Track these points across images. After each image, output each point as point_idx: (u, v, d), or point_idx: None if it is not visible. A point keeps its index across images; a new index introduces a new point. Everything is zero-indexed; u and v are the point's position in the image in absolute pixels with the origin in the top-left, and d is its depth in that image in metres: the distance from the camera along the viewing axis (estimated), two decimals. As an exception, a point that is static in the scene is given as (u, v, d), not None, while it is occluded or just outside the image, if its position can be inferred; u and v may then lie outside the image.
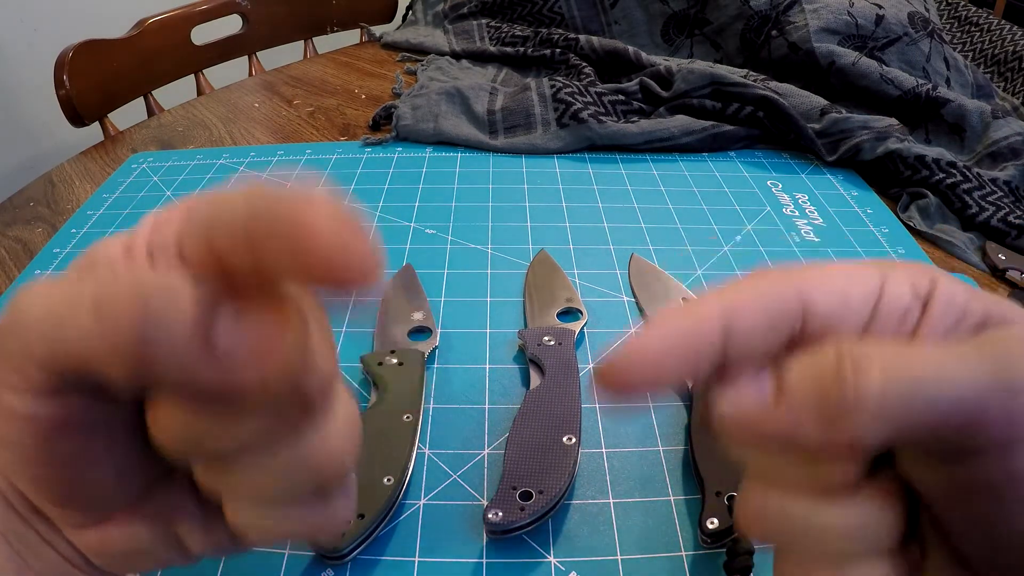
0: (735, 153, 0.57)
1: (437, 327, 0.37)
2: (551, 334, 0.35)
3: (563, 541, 0.27)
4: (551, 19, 0.78)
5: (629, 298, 0.40)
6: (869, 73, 0.58)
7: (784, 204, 0.50)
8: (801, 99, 0.56)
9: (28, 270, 0.44)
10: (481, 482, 0.29)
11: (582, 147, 0.57)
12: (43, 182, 0.56)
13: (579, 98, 0.58)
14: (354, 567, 0.26)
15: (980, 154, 0.55)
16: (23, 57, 1.24)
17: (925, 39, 0.63)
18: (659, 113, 0.60)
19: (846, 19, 0.61)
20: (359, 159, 0.55)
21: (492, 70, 0.71)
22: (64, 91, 0.65)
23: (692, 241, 0.45)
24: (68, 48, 0.66)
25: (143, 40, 0.74)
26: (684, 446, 0.31)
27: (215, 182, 0.52)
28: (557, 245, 0.44)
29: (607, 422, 0.32)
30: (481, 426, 0.32)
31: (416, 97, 0.61)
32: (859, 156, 0.53)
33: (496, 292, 0.40)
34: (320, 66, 0.77)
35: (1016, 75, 0.70)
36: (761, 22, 0.65)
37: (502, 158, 0.56)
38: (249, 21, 0.85)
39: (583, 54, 0.69)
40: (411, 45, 0.80)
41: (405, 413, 0.30)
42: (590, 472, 0.30)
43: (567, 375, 0.33)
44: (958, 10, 0.82)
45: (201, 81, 0.82)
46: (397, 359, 0.33)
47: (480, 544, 0.27)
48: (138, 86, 0.74)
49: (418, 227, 0.46)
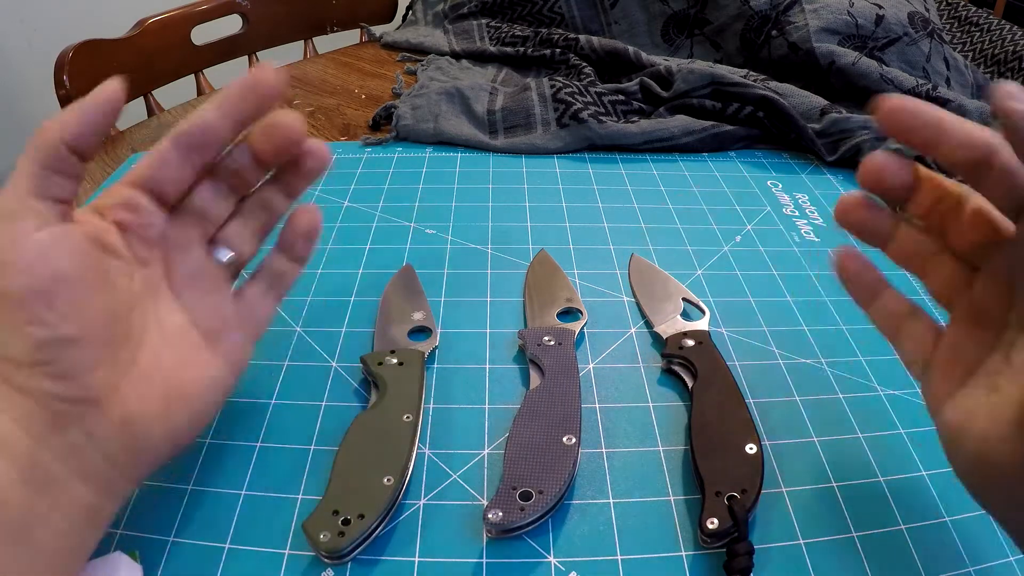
0: (735, 153, 0.57)
1: (437, 327, 0.37)
2: (551, 334, 0.35)
3: (563, 541, 0.27)
4: (551, 19, 0.78)
5: (629, 298, 0.40)
6: (869, 73, 0.58)
7: (784, 204, 0.50)
8: (801, 99, 0.56)
9: (28, 270, 0.43)
10: (481, 482, 0.29)
11: (582, 147, 0.57)
12: (43, 182, 0.56)
13: (579, 98, 0.58)
14: (354, 567, 0.26)
15: (980, 154, 0.55)
16: (23, 57, 1.24)
17: (925, 39, 0.63)
18: (659, 113, 0.60)
19: (846, 19, 0.61)
20: (359, 159, 0.55)
21: (492, 70, 0.71)
22: (64, 91, 0.65)
23: (692, 241, 0.45)
24: (68, 48, 0.66)
25: (143, 40, 0.74)
26: (684, 446, 0.31)
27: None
28: (557, 245, 0.44)
29: (607, 422, 0.32)
30: (481, 426, 0.32)
31: (416, 97, 0.61)
32: (859, 156, 0.53)
33: (496, 292, 0.40)
34: (320, 66, 0.77)
35: (1016, 75, 0.70)
36: (761, 22, 0.65)
37: (502, 158, 0.56)
38: (249, 21, 0.85)
39: (583, 54, 0.69)
40: (411, 45, 0.80)
41: (405, 413, 0.30)
42: (590, 472, 0.30)
43: (567, 375, 0.33)
44: (958, 10, 0.82)
45: (201, 81, 0.82)
46: (397, 359, 0.33)
47: (480, 544, 0.27)
48: (138, 86, 0.74)
49: (418, 227, 0.46)
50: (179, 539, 0.27)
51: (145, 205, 0.27)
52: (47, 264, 0.22)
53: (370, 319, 0.38)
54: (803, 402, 0.33)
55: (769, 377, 0.35)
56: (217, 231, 0.30)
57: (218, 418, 0.32)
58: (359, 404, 0.33)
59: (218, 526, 0.27)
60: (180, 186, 0.28)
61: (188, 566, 0.26)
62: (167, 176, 0.27)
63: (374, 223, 0.47)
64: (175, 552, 0.26)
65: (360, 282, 0.41)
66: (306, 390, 0.34)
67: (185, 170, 0.28)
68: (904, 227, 0.27)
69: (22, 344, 0.21)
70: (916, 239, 0.27)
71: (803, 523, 0.28)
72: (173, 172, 0.27)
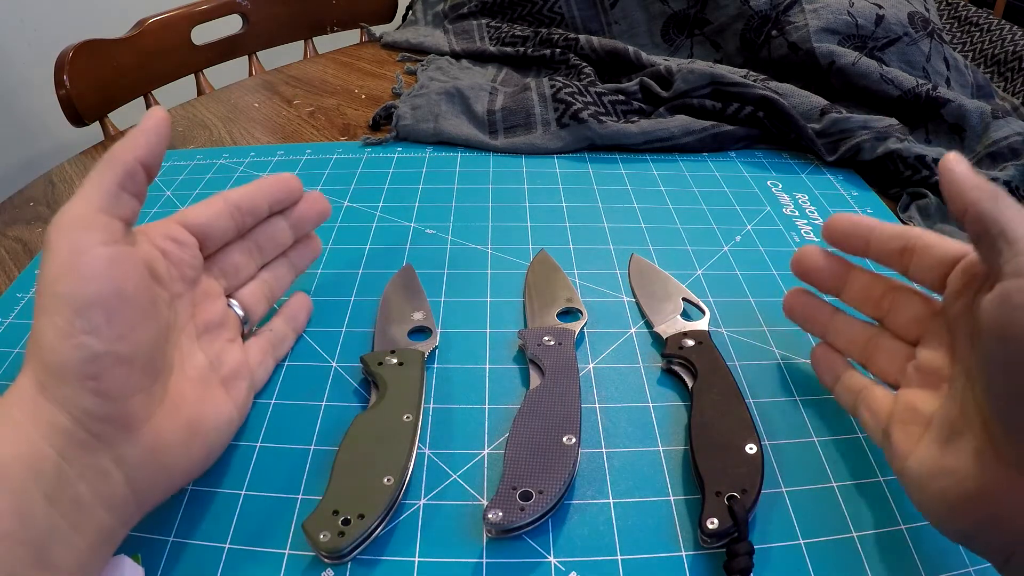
0: (735, 153, 0.57)
1: (437, 327, 0.37)
2: (551, 334, 0.35)
3: (563, 541, 0.27)
4: (551, 19, 0.78)
5: (629, 298, 0.40)
6: (869, 73, 0.58)
7: (784, 204, 0.50)
8: (801, 99, 0.56)
9: (28, 270, 0.44)
10: (481, 482, 0.29)
11: (582, 147, 0.57)
12: (43, 182, 0.56)
13: (579, 98, 0.58)
14: (354, 567, 0.26)
15: (980, 154, 0.55)
16: (23, 57, 1.24)
17: (925, 39, 0.63)
18: (659, 113, 0.60)
19: (846, 19, 0.61)
20: (359, 159, 0.55)
21: (492, 70, 0.71)
22: (64, 91, 0.65)
23: (692, 241, 0.45)
24: (68, 48, 0.66)
25: (143, 40, 0.74)
26: (684, 446, 0.31)
27: (215, 182, 0.52)
28: (557, 245, 0.44)
29: (607, 422, 0.32)
30: (481, 426, 0.32)
31: (416, 97, 0.61)
32: (859, 156, 0.53)
33: (496, 292, 0.40)
34: (320, 66, 0.77)
35: (1016, 75, 0.70)
36: (761, 22, 0.65)
37: (502, 158, 0.56)
38: (249, 21, 0.85)
39: (583, 54, 0.69)
40: (411, 45, 0.80)
41: (405, 413, 0.30)
42: (590, 472, 0.30)
43: (567, 375, 0.33)
44: (958, 10, 0.82)
45: (201, 81, 0.82)
46: (397, 359, 0.33)
47: (480, 544, 0.27)
48: (138, 86, 0.74)
49: (418, 227, 0.46)
50: (179, 539, 0.27)
51: (191, 244, 0.29)
52: (112, 278, 0.23)
53: (370, 319, 0.38)
54: (803, 402, 0.33)
55: (769, 377, 0.35)
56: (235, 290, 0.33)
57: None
58: (359, 404, 0.33)
59: (218, 526, 0.27)
60: (223, 239, 0.31)
61: (188, 566, 0.26)
62: (217, 226, 0.31)
63: (374, 223, 0.47)
64: (175, 552, 0.26)
65: (360, 282, 0.41)
66: (306, 390, 0.34)
67: (231, 228, 0.31)
68: (841, 316, 0.32)
69: (74, 353, 0.21)
70: (855, 327, 0.31)
71: (803, 523, 0.28)
72: (223, 223, 0.31)
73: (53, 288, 0.22)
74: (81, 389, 0.21)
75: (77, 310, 0.21)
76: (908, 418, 0.26)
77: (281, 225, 0.35)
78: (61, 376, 0.21)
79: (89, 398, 0.22)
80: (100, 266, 0.22)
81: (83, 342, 0.21)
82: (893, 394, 0.28)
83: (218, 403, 0.28)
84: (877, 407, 0.29)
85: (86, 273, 0.22)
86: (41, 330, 0.22)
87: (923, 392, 0.27)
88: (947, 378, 0.26)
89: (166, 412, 0.25)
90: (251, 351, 0.32)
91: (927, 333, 0.28)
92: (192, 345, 0.29)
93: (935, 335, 0.28)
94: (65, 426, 0.21)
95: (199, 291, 0.30)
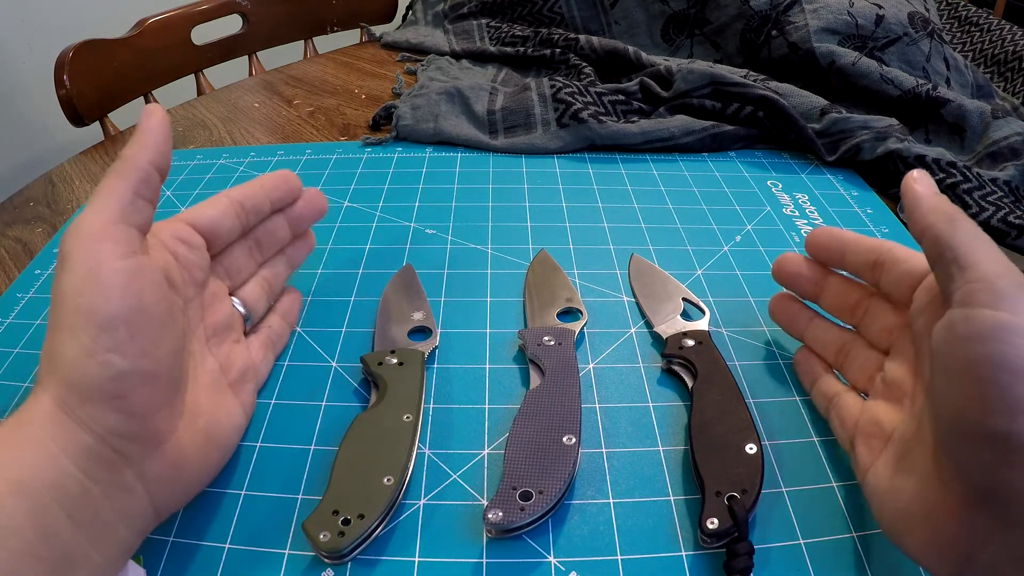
0: (735, 153, 0.57)
1: (437, 327, 0.37)
2: (551, 334, 0.35)
3: (563, 541, 0.27)
4: (551, 19, 0.78)
5: (629, 298, 0.40)
6: (869, 73, 0.58)
7: (784, 204, 0.50)
8: (801, 99, 0.56)
9: (28, 270, 0.44)
10: (481, 482, 0.29)
11: (582, 147, 0.57)
12: (43, 182, 0.56)
13: (579, 98, 0.58)
14: (354, 567, 0.26)
15: (980, 154, 0.55)
16: (23, 57, 1.24)
17: (925, 39, 0.63)
18: (659, 113, 0.60)
19: (846, 19, 0.61)
20: (359, 159, 0.55)
21: (492, 70, 0.71)
22: (64, 91, 0.65)
23: (692, 241, 0.45)
24: (68, 48, 0.66)
25: (143, 40, 0.74)
26: (684, 446, 0.31)
27: (215, 182, 0.52)
28: (557, 245, 0.44)
29: (607, 422, 0.32)
30: (481, 426, 0.32)
31: (416, 97, 0.61)
32: (859, 156, 0.53)
33: (496, 292, 0.40)
34: (320, 66, 0.77)
35: (1016, 75, 0.70)
36: (761, 22, 0.65)
37: (502, 158, 0.56)
38: (249, 21, 0.85)
39: (583, 54, 0.69)
40: (411, 45, 0.80)
41: (405, 413, 0.30)
42: (590, 472, 0.30)
43: (567, 375, 0.33)
44: (958, 10, 0.82)
45: (201, 81, 0.82)
46: (397, 359, 0.33)
47: (480, 544, 0.27)
48: (138, 86, 0.74)
49: (418, 227, 0.46)
50: (179, 539, 0.27)
51: (200, 245, 0.29)
52: (135, 294, 0.22)
53: (370, 319, 0.38)
54: (803, 402, 0.33)
55: (769, 377, 0.35)
56: (237, 289, 0.33)
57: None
58: (359, 404, 0.33)
59: (218, 526, 0.27)
60: (229, 239, 0.31)
61: (188, 566, 0.26)
62: (224, 225, 0.30)
63: (374, 223, 0.47)
64: (175, 552, 0.26)
65: (360, 282, 0.41)
66: (306, 390, 0.34)
67: (236, 227, 0.31)
68: (819, 321, 0.33)
69: (99, 371, 0.21)
70: (831, 332, 0.32)
71: (803, 523, 0.28)
72: (230, 222, 0.30)
73: (75, 303, 0.21)
74: (106, 408, 0.21)
75: (101, 327, 0.21)
76: (871, 431, 0.27)
77: (280, 222, 0.35)
78: (85, 394, 0.21)
79: (114, 416, 0.21)
80: (122, 281, 0.22)
81: (108, 360, 0.21)
82: (862, 403, 0.29)
83: (230, 408, 0.28)
84: (845, 415, 0.29)
85: (108, 289, 0.21)
86: (61, 346, 0.21)
87: (887, 405, 0.27)
88: (909, 394, 0.26)
89: (185, 423, 0.24)
90: (253, 350, 0.32)
91: (895, 345, 0.28)
92: (203, 350, 0.28)
93: (902, 348, 0.28)
94: (89, 445, 0.21)
95: (208, 293, 0.30)
